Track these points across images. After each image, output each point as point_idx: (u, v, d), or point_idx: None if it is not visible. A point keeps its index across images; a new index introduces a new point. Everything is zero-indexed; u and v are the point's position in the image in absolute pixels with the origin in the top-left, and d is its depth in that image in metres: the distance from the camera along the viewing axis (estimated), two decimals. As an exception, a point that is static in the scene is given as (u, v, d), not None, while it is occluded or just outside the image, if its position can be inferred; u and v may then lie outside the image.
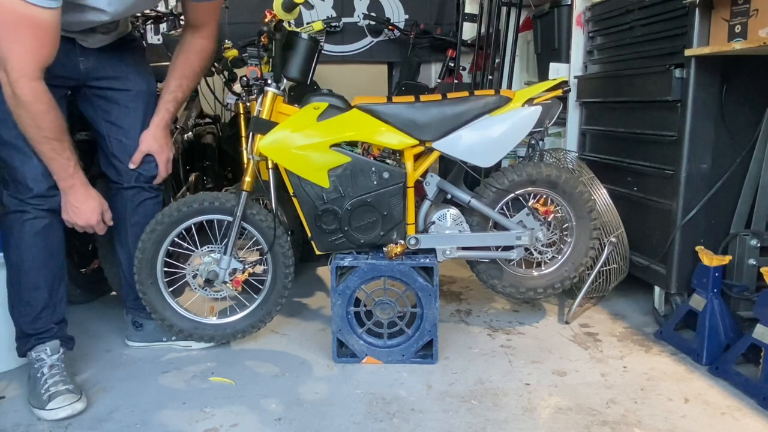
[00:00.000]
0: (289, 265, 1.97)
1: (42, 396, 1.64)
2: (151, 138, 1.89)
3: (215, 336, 2.00)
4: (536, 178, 2.05)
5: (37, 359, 1.72)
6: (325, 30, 3.30)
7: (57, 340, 1.76)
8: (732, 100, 1.94)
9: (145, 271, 1.91)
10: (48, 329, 1.75)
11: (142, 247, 1.90)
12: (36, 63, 1.53)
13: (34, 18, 1.47)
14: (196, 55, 1.91)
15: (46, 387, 1.65)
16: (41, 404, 1.63)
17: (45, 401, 1.62)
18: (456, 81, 3.44)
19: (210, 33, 1.91)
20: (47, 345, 1.74)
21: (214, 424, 1.59)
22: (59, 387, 1.65)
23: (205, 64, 1.96)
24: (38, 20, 1.48)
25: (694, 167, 1.97)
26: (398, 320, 1.90)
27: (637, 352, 1.98)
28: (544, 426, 1.56)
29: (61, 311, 1.79)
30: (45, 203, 1.70)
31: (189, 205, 1.91)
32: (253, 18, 3.28)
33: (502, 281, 2.11)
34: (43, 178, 1.68)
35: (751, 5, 1.68)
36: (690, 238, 2.00)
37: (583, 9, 2.61)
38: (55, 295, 1.76)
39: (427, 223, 2.01)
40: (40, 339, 1.74)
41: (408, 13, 3.71)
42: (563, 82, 2.02)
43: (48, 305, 1.74)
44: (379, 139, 1.90)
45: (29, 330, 1.74)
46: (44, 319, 1.74)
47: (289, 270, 1.98)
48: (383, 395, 1.72)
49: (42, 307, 1.73)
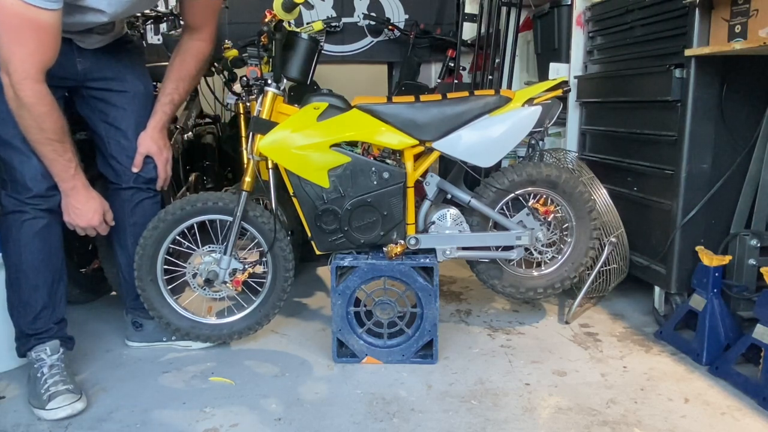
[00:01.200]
0: (289, 266, 1.97)
1: (42, 396, 1.64)
2: (149, 140, 1.89)
3: (212, 336, 1.99)
4: (536, 178, 2.05)
5: (36, 359, 1.72)
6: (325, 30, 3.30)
7: (57, 340, 1.76)
8: (732, 100, 1.93)
9: (145, 268, 1.91)
10: (47, 329, 1.75)
11: (144, 244, 1.90)
12: (39, 65, 1.53)
13: (35, 20, 1.48)
14: (193, 58, 1.92)
15: (46, 387, 1.65)
16: (41, 404, 1.63)
17: (45, 401, 1.62)
18: (456, 81, 3.44)
19: (208, 35, 1.91)
20: (47, 345, 1.73)
21: (214, 424, 1.59)
22: (59, 387, 1.65)
23: (202, 66, 1.96)
24: (40, 22, 1.48)
25: (694, 167, 1.97)
26: (398, 320, 1.90)
27: (637, 352, 1.98)
28: (544, 426, 1.56)
29: (60, 311, 1.79)
30: (44, 203, 1.70)
31: (192, 204, 1.91)
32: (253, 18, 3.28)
33: (502, 281, 2.11)
34: (42, 178, 1.68)
35: (751, 5, 1.68)
36: (690, 238, 2.00)
37: (583, 9, 2.61)
38: (55, 295, 1.76)
39: (427, 223, 2.01)
40: (40, 339, 1.74)
41: (408, 13, 3.71)
42: (563, 82, 2.02)
43: (47, 305, 1.74)
44: (379, 139, 1.90)
45: (29, 330, 1.74)
46: (44, 319, 1.74)
47: (289, 272, 1.98)
48: (383, 395, 1.72)
49: (41, 308, 1.73)
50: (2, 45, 1.49)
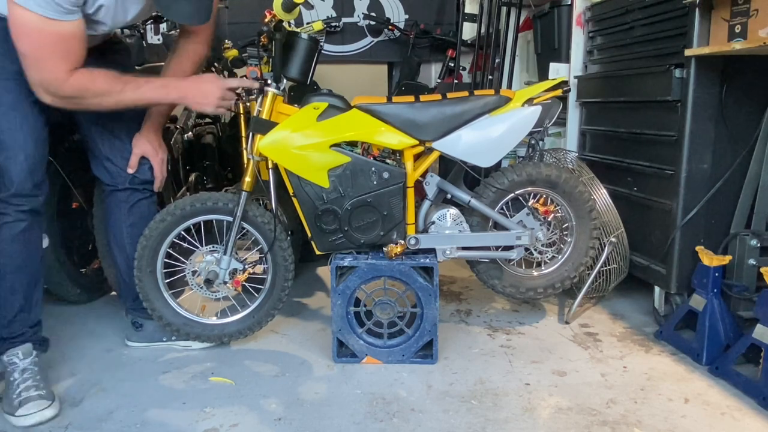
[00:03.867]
0: (289, 266, 1.97)
1: (13, 401, 1.61)
2: (144, 141, 1.90)
3: (211, 336, 1.99)
4: (536, 178, 2.05)
5: (9, 363, 1.68)
6: (325, 30, 3.31)
7: (29, 344, 1.72)
8: (732, 100, 1.93)
9: (146, 259, 1.91)
10: (22, 333, 1.72)
11: (149, 235, 1.90)
12: (69, 66, 1.57)
13: (59, 32, 1.52)
14: (189, 60, 1.92)
15: (18, 392, 1.62)
16: (12, 410, 1.60)
17: (15, 407, 1.59)
18: (456, 81, 3.44)
19: (204, 38, 1.92)
20: (19, 349, 1.69)
21: (214, 424, 1.59)
22: (31, 392, 1.62)
23: (197, 69, 1.96)
24: (63, 33, 1.53)
25: (694, 167, 1.97)
26: (398, 320, 1.90)
27: (637, 352, 1.98)
28: (544, 426, 1.56)
29: (36, 314, 1.75)
30: (26, 204, 1.65)
31: (203, 201, 1.91)
32: (253, 18, 3.28)
33: (502, 281, 2.11)
34: (28, 176, 1.63)
35: (751, 5, 1.68)
36: (690, 238, 2.00)
37: (583, 9, 2.61)
38: (31, 298, 1.72)
39: (427, 223, 2.01)
40: (13, 342, 1.71)
41: (408, 13, 3.71)
42: (563, 82, 2.02)
43: (23, 309, 1.71)
44: (379, 139, 1.90)
45: (3, 333, 1.71)
46: (19, 323, 1.71)
47: (289, 271, 1.98)
48: (383, 395, 1.72)
49: (17, 311, 1.70)
50: (33, 62, 1.52)
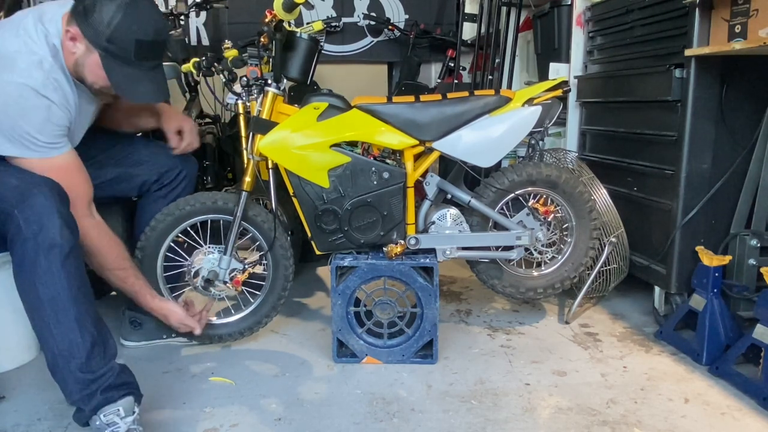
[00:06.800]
0: (289, 266, 1.97)
1: None
2: (172, 114, 2.00)
3: (211, 336, 1.99)
4: (536, 178, 2.05)
5: (108, 424, 1.36)
6: (325, 30, 3.30)
7: (130, 396, 1.43)
8: (732, 100, 1.93)
9: (146, 259, 1.91)
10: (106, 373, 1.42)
11: (149, 234, 1.90)
12: (83, 199, 1.59)
13: (58, 165, 1.55)
14: (126, 119, 2.00)
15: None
16: None
17: None
18: (456, 81, 3.45)
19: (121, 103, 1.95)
20: (119, 404, 1.39)
21: (214, 424, 1.59)
22: None
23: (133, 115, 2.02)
24: (59, 164, 1.56)
25: (694, 167, 1.97)
26: (398, 320, 1.90)
27: (637, 352, 1.98)
28: (544, 426, 1.56)
29: (113, 346, 1.48)
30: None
31: (203, 201, 1.91)
32: (253, 18, 3.28)
33: (502, 281, 2.11)
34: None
35: (751, 5, 1.68)
36: (690, 238, 2.00)
37: (583, 9, 2.61)
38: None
39: (427, 223, 2.01)
40: (108, 398, 1.39)
41: (408, 13, 3.72)
42: (563, 82, 2.02)
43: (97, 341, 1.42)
44: (379, 139, 1.90)
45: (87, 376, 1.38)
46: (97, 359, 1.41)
47: (289, 271, 1.98)
48: (383, 395, 1.72)
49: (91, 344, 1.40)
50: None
